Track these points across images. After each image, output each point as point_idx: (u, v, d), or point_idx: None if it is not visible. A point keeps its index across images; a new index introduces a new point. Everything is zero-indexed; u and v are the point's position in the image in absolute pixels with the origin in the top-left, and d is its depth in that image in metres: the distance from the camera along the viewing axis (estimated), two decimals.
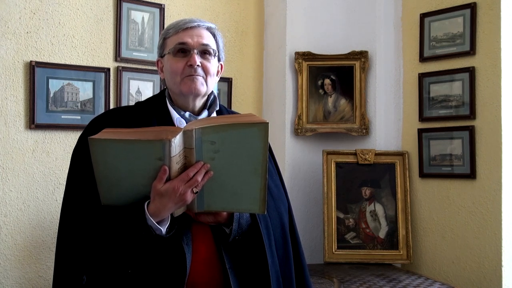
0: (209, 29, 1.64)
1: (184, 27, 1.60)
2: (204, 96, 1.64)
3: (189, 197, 1.38)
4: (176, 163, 1.35)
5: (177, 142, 1.32)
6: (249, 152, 1.36)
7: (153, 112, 1.62)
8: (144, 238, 1.39)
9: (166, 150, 1.31)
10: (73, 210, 1.53)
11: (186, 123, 1.60)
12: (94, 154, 1.34)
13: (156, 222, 1.38)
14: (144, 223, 1.38)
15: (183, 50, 1.59)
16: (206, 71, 1.59)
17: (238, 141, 1.35)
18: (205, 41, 1.60)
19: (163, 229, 1.40)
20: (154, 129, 1.37)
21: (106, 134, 1.34)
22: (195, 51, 1.58)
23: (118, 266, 1.44)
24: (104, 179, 1.38)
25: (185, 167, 1.38)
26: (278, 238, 1.61)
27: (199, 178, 1.36)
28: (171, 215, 1.42)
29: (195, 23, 1.61)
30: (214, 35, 1.65)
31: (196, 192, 1.38)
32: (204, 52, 1.60)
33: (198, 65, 1.57)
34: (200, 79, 1.58)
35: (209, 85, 1.62)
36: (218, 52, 1.65)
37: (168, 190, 1.35)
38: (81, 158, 1.52)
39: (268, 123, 1.34)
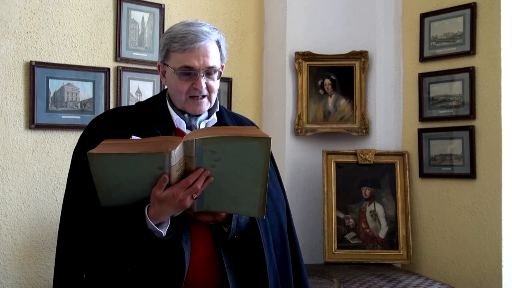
0: (215, 41, 1.59)
1: (190, 47, 1.53)
2: None
3: (189, 202, 1.39)
4: (176, 171, 1.35)
5: (177, 153, 1.32)
6: (250, 164, 1.36)
7: (153, 112, 1.62)
8: (144, 241, 1.40)
9: (166, 161, 1.31)
10: (73, 210, 1.54)
11: (186, 123, 1.61)
12: (93, 167, 1.34)
13: (156, 224, 1.39)
14: (144, 227, 1.38)
15: (189, 73, 1.56)
16: (210, 90, 1.59)
17: (239, 152, 1.34)
18: (211, 63, 1.56)
19: (163, 232, 1.40)
20: (153, 140, 1.36)
21: (104, 147, 1.33)
22: (201, 74, 1.56)
23: (117, 264, 1.45)
24: (103, 186, 1.38)
25: (185, 173, 1.38)
26: (276, 238, 1.62)
27: (199, 186, 1.37)
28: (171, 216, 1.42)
29: (202, 42, 1.54)
30: (219, 46, 1.61)
31: (196, 198, 1.38)
32: (209, 72, 1.58)
33: (203, 88, 1.57)
34: (205, 101, 1.59)
35: (212, 101, 1.62)
36: (222, 60, 1.63)
37: (168, 196, 1.36)
38: (81, 158, 1.52)
39: (270, 138, 1.33)
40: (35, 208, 2.65)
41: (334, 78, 3.24)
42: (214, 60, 1.58)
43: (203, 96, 1.58)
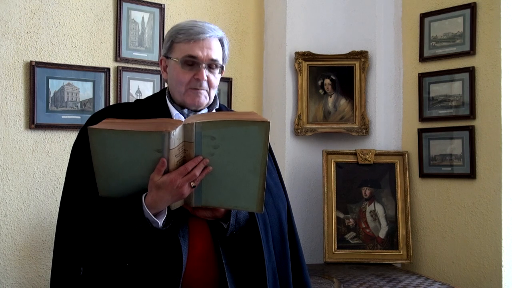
0: (219, 39, 1.64)
1: (195, 38, 1.58)
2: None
3: (186, 190, 1.38)
4: (175, 156, 1.35)
5: (176, 135, 1.32)
6: (249, 150, 1.36)
7: (152, 108, 1.63)
8: (141, 231, 1.40)
9: (165, 142, 1.31)
10: (71, 202, 1.54)
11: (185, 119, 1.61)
12: (93, 144, 1.35)
13: (153, 215, 1.39)
14: (141, 215, 1.38)
15: (192, 63, 1.59)
16: (210, 85, 1.61)
17: (238, 138, 1.35)
18: (214, 56, 1.60)
19: (160, 222, 1.40)
20: (154, 121, 1.37)
21: (106, 124, 1.35)
22: (204, 65, 1.58)
23: (116, 259, 1.44)
24: (103, 170, 1.38)
25: (184, 160, 1.38)
26: (276, 235, 1.62)
27: (197, 173, 1.36)
28: (168, 208, 1.42)
29: (207, 35, 1.59)
30: (222, 45, 1.65)
31: (194, 187, 1.38)
32: (211, 66, 1.61)
33: (204, 79, 1.58)
34: (204, 93, 1.61)
35: (211, 97, 1.64)
36: (224, 60, 1.66)
37: (166, 182, 1.36)
38: (80, 151, 1.54)
39: (269, 122, 1.34)
40: (35, 208, 2.66)
41: (334, 78, 3.24)
42: (217, 54, 1.61)
43: (203, 89, 1.60)
